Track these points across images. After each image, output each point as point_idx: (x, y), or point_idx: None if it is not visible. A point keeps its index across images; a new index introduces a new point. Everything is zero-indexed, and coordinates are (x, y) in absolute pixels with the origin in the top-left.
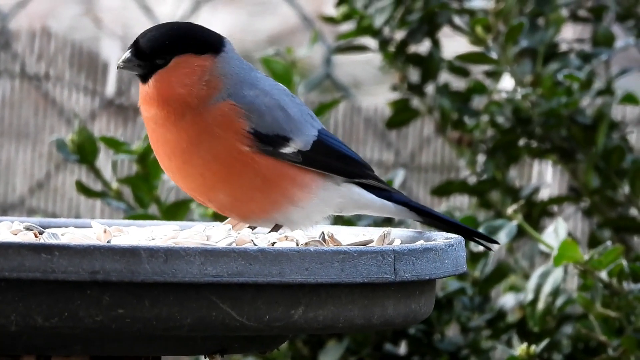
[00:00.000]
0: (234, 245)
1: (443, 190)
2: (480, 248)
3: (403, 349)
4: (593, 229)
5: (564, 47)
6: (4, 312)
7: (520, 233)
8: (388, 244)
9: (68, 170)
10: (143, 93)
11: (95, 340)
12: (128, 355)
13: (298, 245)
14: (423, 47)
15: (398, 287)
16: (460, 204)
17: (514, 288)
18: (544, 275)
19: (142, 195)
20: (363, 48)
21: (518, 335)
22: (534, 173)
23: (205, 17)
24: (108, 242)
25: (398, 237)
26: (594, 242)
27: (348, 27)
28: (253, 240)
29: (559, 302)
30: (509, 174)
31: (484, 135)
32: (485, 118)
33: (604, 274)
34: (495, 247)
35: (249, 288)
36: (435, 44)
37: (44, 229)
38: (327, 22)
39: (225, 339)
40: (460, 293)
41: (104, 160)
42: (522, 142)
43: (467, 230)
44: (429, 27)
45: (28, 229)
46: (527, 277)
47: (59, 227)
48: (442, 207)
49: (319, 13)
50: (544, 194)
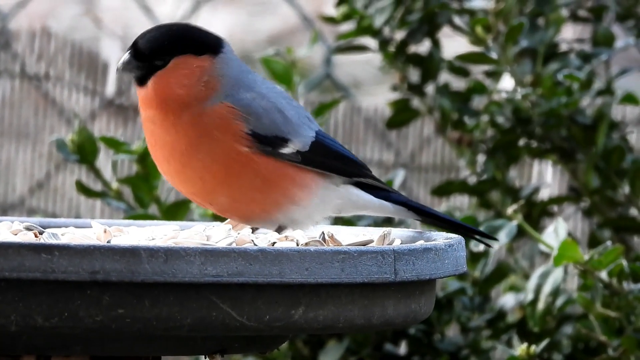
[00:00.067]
0: (234, 245)
1: (443, 190)
2: (481, 248)
3: (403, 349)
4: (593, 229)
5: (564, 47)
6: (4, 312)
7: (520, 233)
8: (388, 244)
9: (68, 170)
10: (142, 94)
11: (95, 341)
12: (128, 356)
13: (298, 245)
14: (423, 47)
15: (398, 287)
16: (461, 204)
17: (514, 288)
18: (544, 275)
19: (142, 195)
20: (363, 48)
21: (518, 336)
22: (534, 173)
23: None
24: (108, 242)
25: (398, 237)
26: (594, 242)
27: (348, 27)
28: (253, 240)
29: (559, 302)
30: (509, 174)
31: (484, 135)
32: (485, 118)
33: (604, 274)
34: (495, 244)
35: (249, 288)
36: (435, 44)
37: (44, 229)
38: (327, 22)
39: (226, 339)
40: (461, 293)
41: (104, 160)
42: (522, 142)
43: (466, 229)
44: (429, 27)
45: (28, 229)
46: (527, 277)
47: (59, 227)
48: (442, 207)
49: (319, 13)
50: (544, 194)
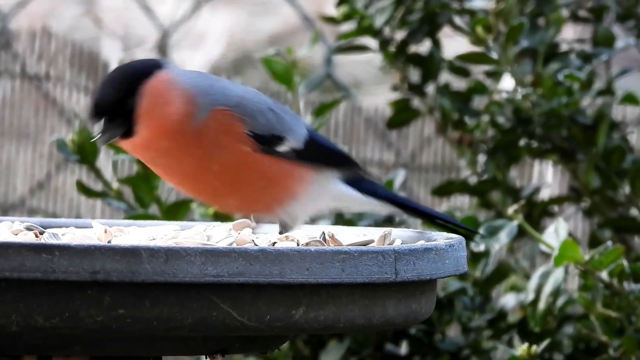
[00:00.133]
0: (235, 246)
1: (444, 191)
2: (482, 248)
3: (404, 349)
4: (593, 229)
5: (565, 47)
6: (5, 312)
7: (521, 233)
8: (389, 244)
9: (68, 171)
10: (136, 142)
11: (96, 341)
12: (129, 356)
13: (299, 246)
14: (423, 47)
15: (399, 287)
16: (461, 204)
17: (515, 288)
18: (545, 276)
19: (142, 195)
20: (363, 48)
21: (519, 336)
22: (535, 173)
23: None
24: (109, 242)
25: (399, 237)
26: (595, 242)
27: (348, 27)
28: (254, 240)
29: (560, 302)
30: (510, 174)
31: (485, 136)
32: (486, 118)
33: (605, 274)
34: (482, 241)
35: (250, 288)
36: (436, 44)
37: (45, 229)
38: (327, 22)
39: (226, 339)
40: (461, 293)
41: (105, 161)
42: (522, 142)
43: (452, 223)
44: (430, 27)
45: (29, 229)
46: (527, 277)
47: (60, 227)
48: (442, 207)
49: (320, 13)
50: (545, 194)
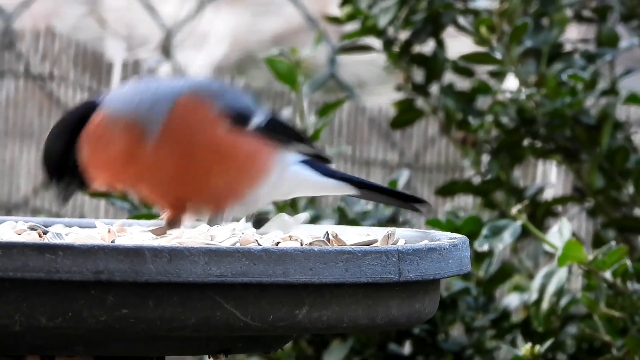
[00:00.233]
0: (238, 245)
1: (447, 190)
2: (485, 248)
3: (407, 349)
4: (597, 229)
5: (568, 47)
6: (8, 312)
7: (525, 233)
8: (392, 244)
9: None
10: (99, 185)
11: (99, 341)
12: (132, 356)
13: (302, 245)
14: (427, 47)
15: (402, 287)
16: (465, 204)
17: (518, 288)
18: (548, 275)
19: None
20: (367, 48)
21: (522, 335)
22: (538, 173)
23: (209, 17)
24: (112, 242)
25: (402, 237)
26: (598, 242)
27: (352, 27)
28: (257, 240)
29: (563, 302)
30: (513, 174)
31: (488, 136)
32: (490, 118)
33: (608, 274)
34: (424, 210)
35: (253, 288)
36: (440, 44)
37: (48, 229)
38: (331, 22)
39: (229, 339)
40: (465, 293)
41: None
42: (526, 142)
43: (403, 196)
44: (433, 27)
45: (32, 229)
46: (531, 277)
47: (63, 227)
48: (446, 207)
49: (323, 13)
50: (548, 194)
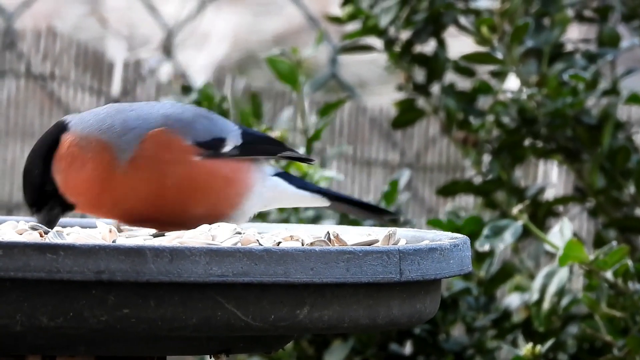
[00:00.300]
0: (240, 245)
1: (448, 190)
2: (486, 248)
3: (408, 349)
4: (598, 229)
5: (570, 47)
6: (9, 312)
7: (526, 233)
8: (393, 244)
9: None
10: (82, 209)
11: (100, 341)
12: (133, 356)
13: (303, 245)
14: (428, 47)
15: (403, 287)
16: (466, 204)
17: (519, 288)
18: (550, 275)
19: None
20: (368, 48)
21: (523, 335)
22: (540, 173)
23: (210, 17)
24: (113, 241)
25: (403, 237)
26: (599, 242)
27: (353, 27)
28: (258, 240)
29: (564, 302)
30: (515, 174)
31: (490, 136)
32: (491, 118)
33: (609, 274)
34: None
35: (254, 288)
36: (441, 44)
37: (49, 229)
38: (332, 22)
39: (230, 339)
40: (466, 293)
41: None
42: (527, 142)
43: (371, 207)
44: (435, 27)
45: (33, 229)
46: (532, 277)
47: (64, 226)
48: (447, 207)
49: (325, 13)
50: (550, 194)
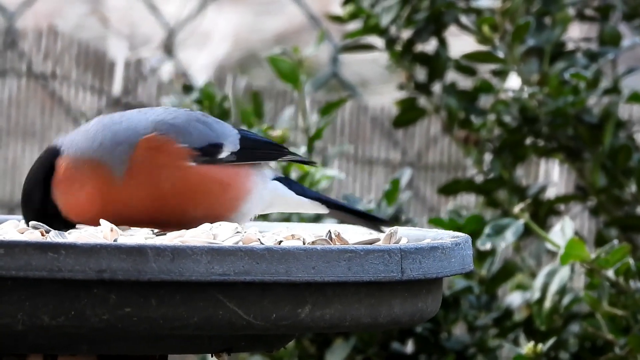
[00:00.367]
0: (241, 244)
1: (450, 189)
2: (487, 246)
3: (410, 348)
4: (600, 228)
5: (571, 46)
6: (11, 311)
7: (527, 232)
8: (395, 243)
9: None
10: (82, 223)
11: (102, 340)
12: (134, 354)
13: (305, 244)
14: (430, 46)
15: (405, 285)
16: (467, 203)
17: (521, 287)
18: (551, 274)
19: None
20: (370, 47)
21: (525, 334)
22: (541, 172)
23: (212, 16)
24: (115, 240)
25: (405, 235)
26: (601, 240)
27: (355, 26)
28: (260, 239)
29: (566, 300)
30: (516, 173)
31: (491, 134)
32: (492, 117)
33: (611, 273)
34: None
35: (256, 287)
36: (442, 43)
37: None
38: (333, 21)
39: (232, 338)
40: (467, 292)
41: None
42: (528, 141)
43: (368, 216)
44: (436, 26)
45: (35, 228)
46: (533, 275)
47: None
48: (448, 205)
49: (326, 12)
50: (551, 193)
